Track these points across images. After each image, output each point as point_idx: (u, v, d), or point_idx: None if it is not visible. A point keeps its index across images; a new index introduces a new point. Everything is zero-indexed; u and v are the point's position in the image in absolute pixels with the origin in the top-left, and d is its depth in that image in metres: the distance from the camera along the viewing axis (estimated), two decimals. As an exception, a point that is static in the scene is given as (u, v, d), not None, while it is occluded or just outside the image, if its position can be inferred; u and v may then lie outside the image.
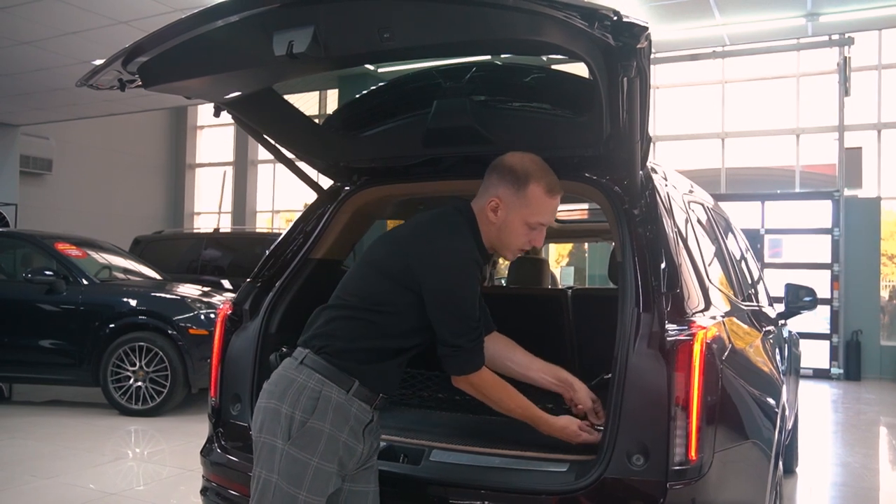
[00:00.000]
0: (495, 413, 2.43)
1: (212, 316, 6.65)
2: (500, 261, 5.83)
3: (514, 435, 2.37)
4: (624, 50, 1.72)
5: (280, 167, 2.89)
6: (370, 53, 2.03)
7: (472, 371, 1.92)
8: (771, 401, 2.70)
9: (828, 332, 11.13)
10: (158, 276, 7.97)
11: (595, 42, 1.73)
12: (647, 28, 1.67)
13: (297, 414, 1.86)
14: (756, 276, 4.20)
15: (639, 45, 1.71)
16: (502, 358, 2.26)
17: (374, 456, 2.07)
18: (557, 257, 14.79)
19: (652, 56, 1.87)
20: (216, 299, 7.12)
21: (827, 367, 11.06)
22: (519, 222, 2.00)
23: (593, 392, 2.27)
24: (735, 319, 2.59)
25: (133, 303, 6.82)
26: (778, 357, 3.44)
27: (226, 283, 8.93)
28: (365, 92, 2.80)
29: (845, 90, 10.94)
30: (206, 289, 7.73)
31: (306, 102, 14.02)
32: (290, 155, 2.81)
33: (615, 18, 1.63)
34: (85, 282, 6.91)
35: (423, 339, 1.99)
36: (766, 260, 11.32)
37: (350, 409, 1.89)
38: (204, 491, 2.58)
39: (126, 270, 7.80)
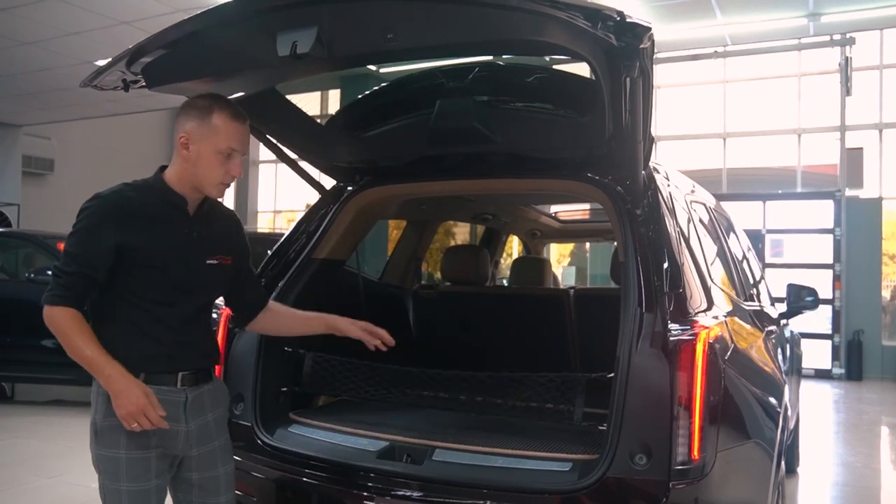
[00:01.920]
0: (498, 412, 2.43)
1: (214, 316, 6.64)
2: (502, 261, 5.84)
3: (517, 434, 2.38)
4: (627, 50, 1.73)
5: (282, 167, 2.89)
6: (374, 54, 2.04)
7: (44, 303, 1.85)
8: (773, 400, 2.70)
9: (829, 332, 11.12)
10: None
11: (598, 42, 1.73)
12: (650, 28, 1.68)
13: (96, 418, 1.93)
14: (758, 276, 4.20)
15: (641, 46, 1.71)
16: (280, 325, 2.33)
17: (218, 435, 2.08)
18: (559, 257, 14.79)
19: (654, 56, 1.88)
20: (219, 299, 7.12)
21: (828, 367, 11.04)
22: (211, 152, 1.94)
23: (380, 327, 2.32)
24: (737, 319, 2.59)
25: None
26: (780, 357, 3.44)
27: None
28: (368, 92, 2.80)
29: (847, 90, 10.94)
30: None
31: (308, 103, 14.04)
32: (292, 155, 2.82)
33: (618, 19, 1.63)
34: (87, 282, 6.91)
35: (177, 301, 1.96)
36: (768, 260, 11.31)
37: None
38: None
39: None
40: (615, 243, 2.80)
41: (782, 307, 4.34)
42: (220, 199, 2.13)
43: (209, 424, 2.06)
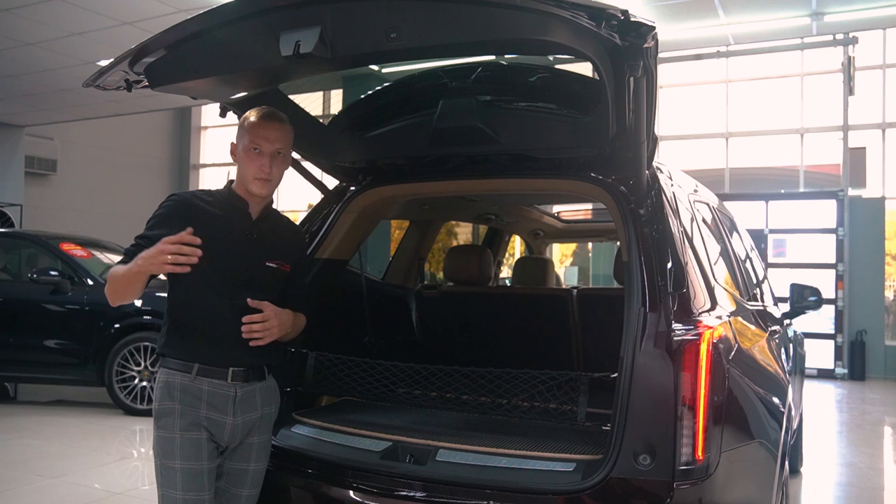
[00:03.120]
0: (502, 412, 2.43)
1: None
2: (504, 260, 5.84)
3: (520, 434, 2.37)
4: (631, 49, 1.73)
5: (284, 167, 2.89)
6: (377, 53, 2.03)
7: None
8: (777, 400, 2.70)
9: (832, 332, 11.11)
10: (163, 276, 7.96)
11: (602, 42, 1.73)
12: (653, 28, 1.67)
13: (155, 404, 2.13)
14: (761, 276, 4.19)
15: (645, 45, 1.71)
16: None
17: (261, 432, 2.21)
18: (561, 257, 14.77)
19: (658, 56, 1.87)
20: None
21: (831, 367, 11.04)
22: (244, 151, 2.15)
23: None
24: (741, 319, 2.59)
25: (137, 303, 6.81)
26: (783, 357, 3.44)
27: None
28: (371, 92, 2.80)
29: (850, 89, 10.93)
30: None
31: (310, 102, 14.02)
32: (295, 154, 2.81)
33: (622, 18, 1.63)
34: (90, 282, 6.92)
35: (232, 295, 2.11)
36: (771, 260, 11.31)
37: (201, 388, 2.09)
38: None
39: (131, 270, 7.81)
40: (618, 243, 2.79)
41: (785, 307, 4.34)
42: (276, 207, 2.35)
43: (256, 421, 2.18)
